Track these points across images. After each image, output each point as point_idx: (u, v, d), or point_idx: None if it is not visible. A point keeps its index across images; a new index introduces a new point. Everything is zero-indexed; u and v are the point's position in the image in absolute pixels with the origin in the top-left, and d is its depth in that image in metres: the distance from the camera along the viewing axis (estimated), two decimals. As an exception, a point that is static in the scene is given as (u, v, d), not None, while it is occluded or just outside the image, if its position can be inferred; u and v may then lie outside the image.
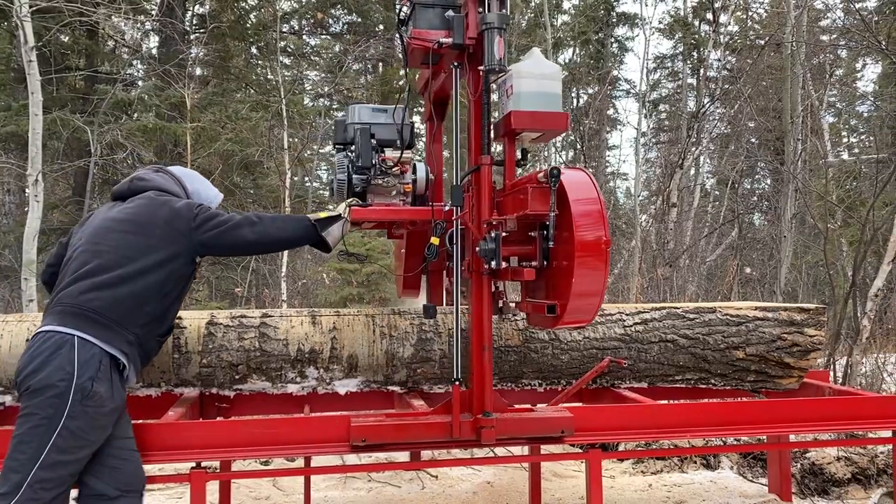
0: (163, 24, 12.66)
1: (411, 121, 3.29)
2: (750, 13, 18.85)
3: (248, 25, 14.36)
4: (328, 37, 17.64)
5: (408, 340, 3.43)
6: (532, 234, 2.91)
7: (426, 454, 4.01)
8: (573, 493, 4.59)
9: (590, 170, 3.03)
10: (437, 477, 4.91)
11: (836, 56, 16.49)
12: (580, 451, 3.24)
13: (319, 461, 4.27)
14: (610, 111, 21.87)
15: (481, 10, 2.81)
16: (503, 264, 2.80)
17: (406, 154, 3.16)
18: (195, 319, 3.32)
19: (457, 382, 2.93)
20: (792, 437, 4.31)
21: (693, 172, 16.19)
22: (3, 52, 11.85)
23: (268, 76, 14.89)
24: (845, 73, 18.62)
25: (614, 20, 22.39)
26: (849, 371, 6.64)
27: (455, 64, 2.96)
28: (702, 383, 3.79)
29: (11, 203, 14.63)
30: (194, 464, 2.91)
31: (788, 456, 4.44)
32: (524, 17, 18.57)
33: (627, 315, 3.73)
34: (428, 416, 3.00)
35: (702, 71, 16.21)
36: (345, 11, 16.83)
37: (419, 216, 3.17)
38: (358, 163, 3.07)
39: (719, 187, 17.88)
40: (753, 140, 17.88)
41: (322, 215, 2.98)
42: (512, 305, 3.25)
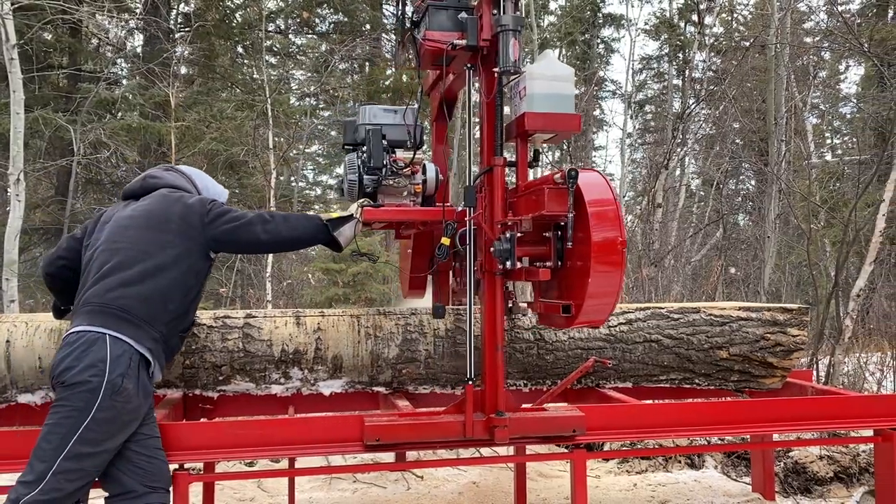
0: (147, 23, 12.57)
1: (422, 122, 3.31)
2: (735, 15, 18.99)
3: (234, 24, 14.29)
4: (314, 36, 17.58)
5: (393, 341, 3.42)
6: (546, 235, 2.93)
7: (411, 455, 4.01)
8: (558, 493, 4.60)
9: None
10: (423, 477, 4.90)
11: (820, 58, 16.65)
12: (565, 451, 3.24)
13: (303, 462, 4.25)
14: (596, 112, 21.97)
15: (496, 13, 2.83)
16: (518, 264, 2.83)
17: (417, 155, 3.19)
18: (178, 320, 3.29)
19: (470, 382, 2.94)
20: (775, 437, 4.34)
21: (678, 173, 16.29)
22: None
23: (253, 75, 14.82)
24: (829, 75, 18.80)
25: (600, 21, 22.51)
26: (831, 371, 6.69)
27: (468, 65, 2.98)
28: (686, 383, 3.81)
29: (-7, 202, 14.47)
30: (177, 465, 2.89)
31: (772, 455, 4.47)
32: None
33: (612, 315, 3.73)
34: (441, 416, 3.01)
35: (687, 72, 16.30)
36: (331, 11, 16.79)
37: (431, 217, 3.18)
38: (369, 163, 3.08)
39: (704, 188, 17.99)
40: (738, 141, 18.00)
41: (334, 215, 3.00)
42: (523, 305, 3.27)
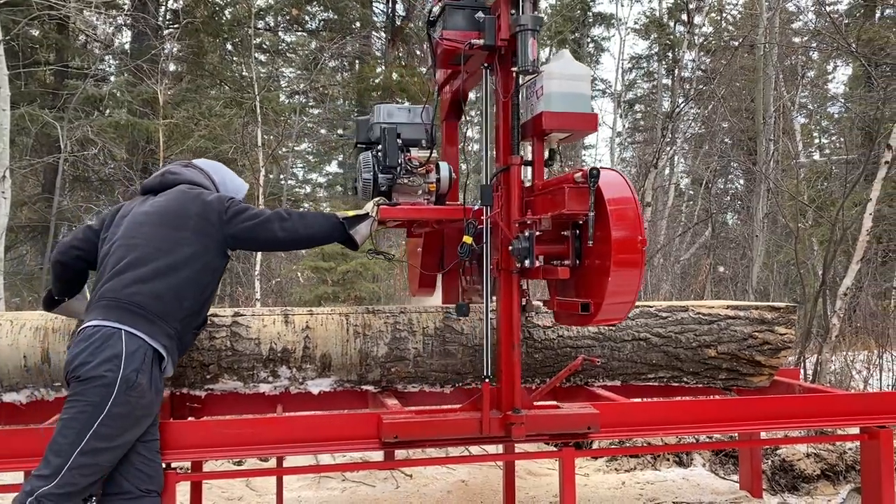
0: (135, 19, 12.49)
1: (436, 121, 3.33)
2: (724, 14, 19.06)
3: (223, 21, 14.21)
4: (304, 33, 17.53)
5: (382, 339, 3.41)
6: (563, 234, 2.94)
7: (400, 453, 4.00)
8: (547, 492, 4.60)
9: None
10: (412, 476, 4.89)
11: (808, 58, 16.74)
12: (554, 450, 3.24)
13: (292, 461, 4.23)
14: (586, 111, 21.95)
15: (514, 13, 2.84)
16: (536, 263, 2.85)
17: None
18: (165, 318, 3.26)
19: (487, 380, 2.95)
20: (763, 435, 4.36)
21: (667, 172, 16.33)
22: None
23: (243, 73, 14.75)
24: (817, 75, 18.91)
25: (590, 20, 22.53)
26: (818, 369, 6.73)
27: (485, 65, 2.99)
28: (674, 381, 3.81)
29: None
30: (164, 465, 2.87)
31: (759, 453, 4.49)
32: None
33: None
34: (457, 413, 3.04)
35: (676, 71, 16.34)
36: (321, 8, 16.75)
37: (447, 215, 3.19)
38: (385, 162, 3.09)
39: (693, 187, 18.06)
40: (727, 140, 18.09)
41: (350, 213, 3.00)
42: (537, 304, 3.29)
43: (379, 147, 3.14)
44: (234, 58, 15.39)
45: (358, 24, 17.09)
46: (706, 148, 17.00)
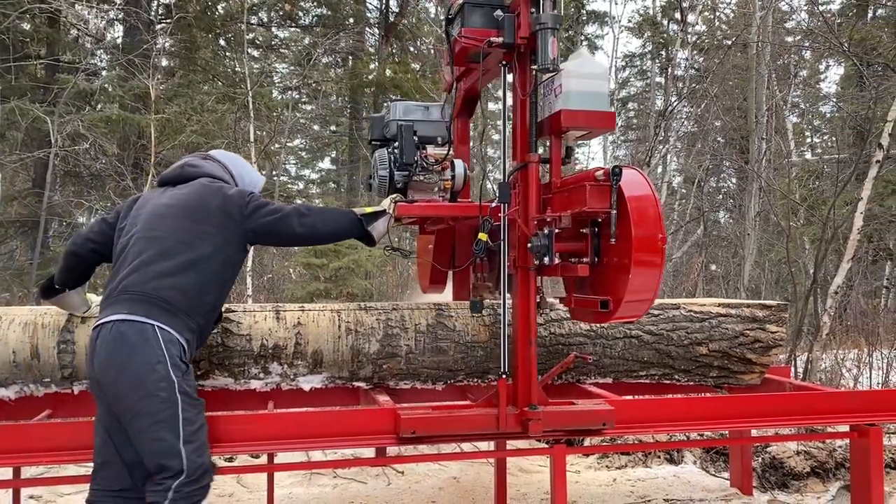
0: (127, 13, 12.42)
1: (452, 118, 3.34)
2: (717, 13, 19.09)
3: (215, 16, 14.14)
4: (297, 29, 17.45)
5: (374, 336, 3.41)
6: (582, 231, 2.95)
7: (392, 450, 3.99)
8: (539, 489, 4.61)
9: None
10: (404, 473, 4.89)
11: (801, 57, 16.78)
12: (545, 447, 3.25)
13: (283, 458, 4.22)
14: (579, 108, 21.94)
15: (534, 11, 2.86)
16: (556, 260, 2.87)
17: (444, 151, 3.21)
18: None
19: (503, 376, 2.96)
20: (753, 432, 4.38)
21: (660, 170, 16.33)
22: (-40, 40, 11.51)
23: (236, 68, 14.68)
24: (809, 75, 18.96)
25: (584, 18, 22.51)
26: (809, 367, 6.76)
27: (503, 63, 3.01)
28: (665, 379, 3.82)
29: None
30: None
31: (750, 450, 4.50)
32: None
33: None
34: (474, 409, 3.06)
35: (670, 70, 16.37)
36: (314, 4, 16.67)
37: (465, 212, 3.20)
38: (401, 159, 3.09)
39: (686, 185, 18.07)
40: (719, 139, 18.11)
41: (367, 210, 3.02)
42: (551, 301, 3.30)
43: (395, 144, 3.15)
44: (227, 53, 15.31)
45: (351, 20, 17.03)
46: (699, 146, 17.01)
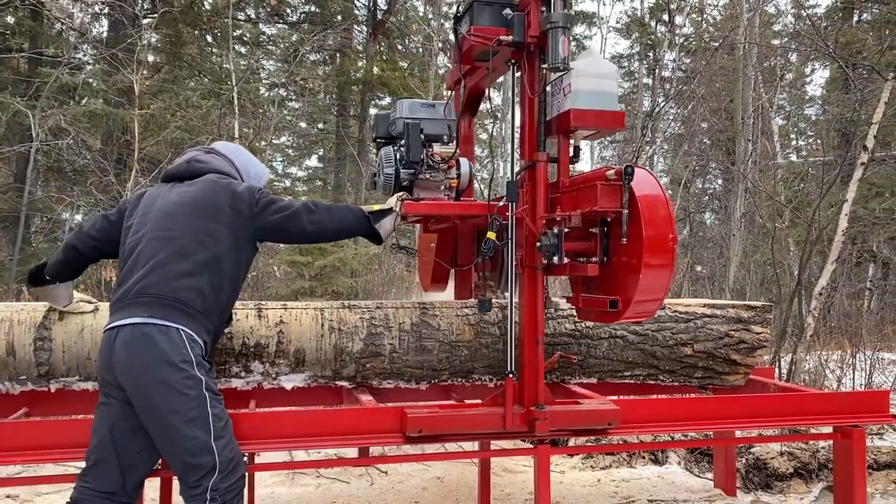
0: (112, 8, 12.29)
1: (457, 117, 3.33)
2: (705, 15, 19.16)
3: (202, 12, 14.02)
4: (285, 26, 17.36)
5: (357, 335, 3.37)
6: (592, 231, 2.94)
7: (375, 450, 3.96)
8: (522, 489, 4.59)
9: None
10: (387, 473, 4.85)
11: (787, 60, 16.89)
12: (529, 447, 3.22)
13: (266, 458, 4.17)
14: (567, 108, 21.98)
15: (544, 10, 2.85)
16: (565, 260, 2.86)
17: (451, 149, 3.20)
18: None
19: (510, 375, 2.96)
20: (737, 433, 4.37)
21: (647, 171, 16.38)
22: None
23: (222, 65, 14.58)
24: (795, 77, 19.08)
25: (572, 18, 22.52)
26: (793, 368, 6.79)
27: (512, 62, 2.99)
28: (650, 379, 3.81)
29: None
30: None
31: (734, 451, 4.50)
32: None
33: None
34: (480, 408, 3.05)
35: (657, 71, 16.42)
36: (302, 0, 16.60)
37: (472, 211, 3.18)
38: (407, 157, 3.08)
39: (672, 186, 18.14)
40: (706, 140, 18.20)
41: (375, 208, 2.99)
42: (555, 300, 3.28)
43: (401, 142, 3.12)
44: (214, 49, 15.21)
45: (339, 17, 16.96)
46: (685, 147, 17.08)
